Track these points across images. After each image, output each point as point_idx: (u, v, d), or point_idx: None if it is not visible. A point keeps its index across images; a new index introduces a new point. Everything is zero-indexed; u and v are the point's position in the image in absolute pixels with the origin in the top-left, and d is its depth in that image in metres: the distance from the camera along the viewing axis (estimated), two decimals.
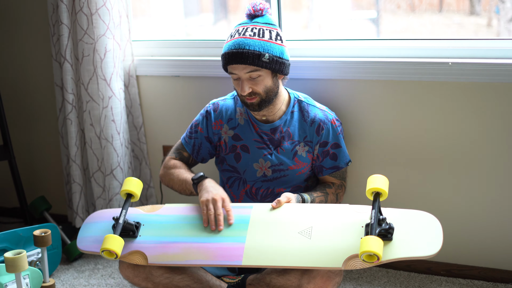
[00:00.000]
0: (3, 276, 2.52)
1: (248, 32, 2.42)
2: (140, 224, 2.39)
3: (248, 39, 2.40)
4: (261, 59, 2.38)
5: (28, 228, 2.77)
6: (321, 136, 2.53)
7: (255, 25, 2.45)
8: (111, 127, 3.06)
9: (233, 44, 2.41)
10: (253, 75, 2.40)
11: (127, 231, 2.35)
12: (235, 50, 2.39)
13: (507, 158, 2.58)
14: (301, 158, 2.53)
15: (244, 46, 2.38)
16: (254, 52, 2.38)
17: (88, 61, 3.03)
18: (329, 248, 2.18)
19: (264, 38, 2.42)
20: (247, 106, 2.48)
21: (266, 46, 2.40)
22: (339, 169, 2.56)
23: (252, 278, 2.38)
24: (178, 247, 2.31)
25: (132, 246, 2.34)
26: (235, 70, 2.41)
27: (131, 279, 2.37)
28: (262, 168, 2.54)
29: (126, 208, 2.34)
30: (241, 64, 2.39)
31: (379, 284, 2.76)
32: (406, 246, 2.13)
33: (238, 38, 2.42)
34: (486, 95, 2.57)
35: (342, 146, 2.56)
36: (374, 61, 2.70)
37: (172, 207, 2.45)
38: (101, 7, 2.95)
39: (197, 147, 2.64)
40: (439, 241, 2.14)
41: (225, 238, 2.30)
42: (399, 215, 2.23)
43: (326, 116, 2.55)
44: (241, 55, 2.38)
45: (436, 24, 3.09)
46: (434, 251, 2.11)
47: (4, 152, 3.21)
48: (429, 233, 2.16)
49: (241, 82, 2.42)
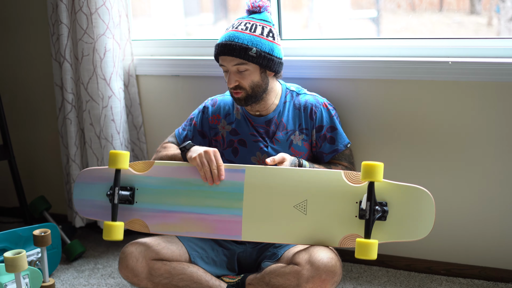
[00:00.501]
0: (3, 276, 2.52)
1: (241, 26, 2.46)
2: (134, 189, 2.43)
3: (239, 33, 2.43)
4: (248, 52, 2.40)
5: (28, 227, 2.77)
6: (315, 120, 2.53)
7: (250, 20, 2.48)
8: (111, 126, 3.06)
9: (225, 36, 2.45)
10: (240, 68, 2.43)
11: (123, 201, 2.41)
12: (224, 42, 2.43)
13: (507, 157, 2.58)
14: (297, 147, 2.54)
15: (233, 39, 2.42)
16: (241, 45, 2.40)
17: (87, 61, 3.02)
18: (325, 227, 2.29)
19: (255, 33, 2.44)
20: (235, 100, 2.50)
21: (255, 40, 2.43)
22: (338, 152, 2.56)
23: (252, 278, 2.39)
24: (177, 217, 2.39)
25: (131, 214, 2.42)
26: (224, 61, 2.45)
27: (130, 279, 2.37)
28: (259, 161, 2.55)
29: (118, 185, 2.38)
30: (228, 56, 2.42)
31: (379, 283, 2.75)
32: (399, 228, 2.22)
33: (231, 31, 2.45)
34: (487, 94, 2.56)
35: (338, 129, 2.56)
36: (374, 61, 2.70)
37: (164, 167, 2.44)
38: (101, 7, 2.95)
39: (188, 139, 2.65)
40: (431, 220, 2.21)
41: (222, 209, 2.37)
42: (394, 190, 2.25)
43: (316, 100, 2.56)
44: (229, 47, 2.41)
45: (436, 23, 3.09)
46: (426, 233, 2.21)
47: (4, 151, 3.21)
48: (422, 211, 2.22)
49: (228, 74, 2.45)
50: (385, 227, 2.23)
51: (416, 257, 2.83)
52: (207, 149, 2.38)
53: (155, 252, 2.38)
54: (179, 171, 2.43)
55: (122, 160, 2.37)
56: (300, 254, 2.28)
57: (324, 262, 2.21)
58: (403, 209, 2.23)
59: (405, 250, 2.84)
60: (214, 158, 2.37)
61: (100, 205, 2.45)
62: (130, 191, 2.42)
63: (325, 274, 2.21)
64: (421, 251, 2.81)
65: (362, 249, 2.15)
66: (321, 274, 2.21)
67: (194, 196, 2.39)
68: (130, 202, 2.43)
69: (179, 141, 2.67)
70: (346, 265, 2.91)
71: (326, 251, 2.26)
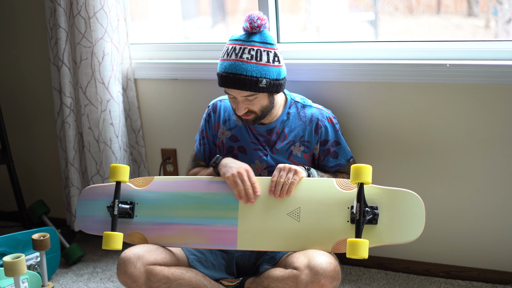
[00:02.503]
0: (2, 280, 2.52)
1: (246, 54, 2.37)
2: (134, 203, 2.45)
3: (245, 63, 2.36)
4: (258, 85, 2.37)
5: (27, 232, 2.77)
6: (320, 135, 2.53)
7: (252, 45, 2.39)
8: (109, 130, 3.06)
9: (229, 66, 2.38)
10: (249, 98, 2.40)
11: (123, 214, 2.44)
12: (231, 75, 2.36)
13: (506, 159, 2.59)
14: (296, 158, 2.54)
15: (241, 72, 2.36)
16: (251, 78, 2.35)
17: (86, 65, 3.03)
18: (318, 233, 2.31)
19: (262, 61, 2.38)
20: (242, 121, 2.49)
21: (263, 70, 2.37)
22: (341, 166, 2.56)
23: (251, 282, 2.39)
24: (175, 229, 2.42)
25: (130, 227, 2.45)
26: (232, 92, 2.41)
27: (129, 284, 2.36)
28: (258, 170, 2.55)
29: (118, 198, 2.40)
30: (237, 90, 2.38)
31: (378, 286, 2.76)
32: (391, 231, 2.25)
33: (235, 61, 2.37)
34: (484, 97, 2.57)
35: (342, 143, 2.56)
36: (372, 63, 2.70)
37: (163, 181, 2.48)
38: (99, 11, 2.95)
39: (207, 152, 2.66)
40: (422, 222, 2.24)
41: (218, 220, 2.39)
42: (385, 194, 2.28)
43: (322, 114, 2.55)
44: (238, 81, 2.36)
45: (434, 26, 3.10)
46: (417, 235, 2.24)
47: (3, 156, 3.21)
48: (413, 214, 2.25)
49: (237, 103, 2.42)
50: (376, 230, 2.26)
51: (415, 259, 2.83)
52: (239, 168, 2.38)
53: (153, 257, 2.38)
54: (177, 185, 2.45)
55: (122, 173, 2.40)
56: (299, 258, 2.27)
57: (323, 266, 2.21)
58: (394, 213, 2.26)
59: (404, 253, 2.84)
60: (247, 178, 2.37)
61: (102, 220, 2.48)
62: (130, 205, 2.45)
63: (324, 278, 2.21)
64: (420, 254, 2.81)
65: (353, 248, 2.17)
66: (320, 278, 2.21)
67: (192, 208, 2.42)
68: (130, 216, 2.45)
69: (202, 158, 2.68)
70: (345, 268, 2.91)
71: (325, 255, 2.26)
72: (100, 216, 2.48)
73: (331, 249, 2.30)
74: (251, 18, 2.40)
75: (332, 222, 2.31)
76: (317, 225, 2.32)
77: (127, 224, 2.45)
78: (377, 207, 2.27)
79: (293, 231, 2.34)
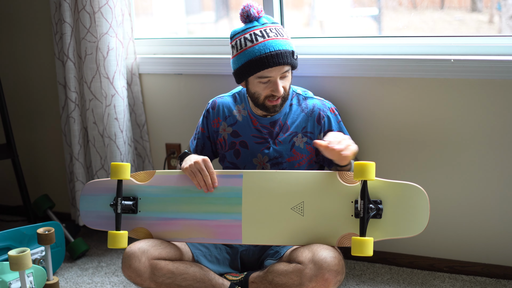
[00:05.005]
0: (7, 274, 2.53)
1: (271, 33, 2.40)
2: (137, 198, 2.46)
3: (276, 40, 2.39)
4: (293, 57, 2.41)
5: (32, 226, 2.78)
6: (323, 125, 2.53)
7: (267, 26, 2.43)
8: (114, 125, 3.07)
9: (263, 47, 2.38)
10: (286, 74, 2.42)
11: (127, 210, 2.45)
12: (272, 53, 2.36)
13: (509, 154, 2.59)
14: (299, 150, 2.54)
15: (278, 48, 2.37)
16: (288, 51, 2.39)
17: (91, 60, 3.03)
18: (322, 227, 2.32)
19: (284, 36, 2.43)
20: (268, 109, 2.46)
21: (290, 44, 2.42)
22: None
23: (255, 276, 2.39)
24: (179, 224, 2.43)
25: (134, 222, 2.46)
26: (272, 72, 2.39)
27: (134, 279, 2.37)
28: (260, 163, 2.55)
29: (121, 196, 2.41)
30: (279, 66, 2.37)
31: (382, 280, 2.76)
32: (395, 225, 2.26)
33: (265, 41, 2.39)
34: (488, 92, 2.57)
35: (345, 133, 2.54)
36: (375, 59, 2.70)
37: (165, 176, 2.48)
38: (104, 6, 2.96)
39: (200, 147, 2.66)
40: (426, 216, 2.26)
41: (222, 215, 2.40)
42: (389, 188, 2.29)
43: (324, 105, 2.55)
44: (280, 56, 2.36)
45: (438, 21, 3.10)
46: (421, 229, 2.25)
47: (8, 150, 3.22)
48: (417, 208, 2.27)
49: (274, 83, 2.40)
50: (380, 224, 2.27)
51: (419, 254, 2.84)
52: (197, 159, 2.40)
53: (157, 252, 2.39)
54: (179, 179, 2.46)
55: (123, 171, 2.41)
56: (303, 252, 2.28)
57: (327, 261, 2.22)
58: (398, 206, 2.27)
59: (408, 248, 2.85)
60: (204, 167, 2.39)
61: (106, 216, 2.49)
62: (133, 200, 2.46)
63: (328, 273, 2.22)
64: (424, 249, 2.82)
65: (358, 247, 2.19)
66: (324, 273, 2.21)
67: (195, 203, 2.43)
68: (134, 211, 2.46)
69: (193, 152, 2.68)
70: (349, 263, 2.91)
71: (329, 249, 2.27)
72: (104, 212, 2.48)
73: (336, 243, 2.31)
74: (248, 6, 2.44)
75: (336, 217, 2.31)
76: (321, 220, 2.33)
77: (131, 220, 2.46)
78: (381, 201, 2.27)
79: (297, 226, 2.34)
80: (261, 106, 2.46)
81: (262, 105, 2.46)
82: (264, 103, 2.45)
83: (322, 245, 2.29)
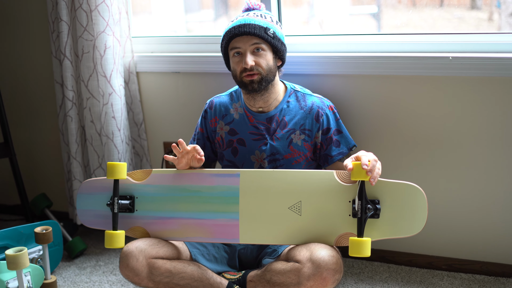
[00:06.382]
0: (5, 273, 2.53)
1: (251, 15, 2.48)
2: (134, 197, 2.45)
3: (253, 18, 2.46)
4: (267, 32, 2.44)
5: (29, 225, 2.77)
6: (321, 123, 2.53)
7: (257, 12, 2.51)
8: (111, 123, 3.06)
9: (238, 22, 2.46)
10: (257, 47, 2.44)
11: (124, 209, 2.45)
12: (242, 24, 2.44)
13: (508, 152, 2.58)
14: (297, 147, 2.53)
15: (250, 21, 2.44)
16: (259, 25, 2.44)
17: (88, 58, 3.02)
18: (320, 227, 2.32)
19: (267, 20, 2.48)
20: (246, 86, 2.48)
21: (270, 24, 2.47)
22: (344, 155, 2.55)
23: (253, 275, 2.39)
24: (176, 223, 2.42)
25: (131, 221, 2.46)
26: (239, 43, 2.45)
27: (131, 278, 2.37)
28: (258, 160, 2.55)
29: (117, 195, 2.40)
30: (247, 36, 2.43)
31: (381, 279, 2.76)
32: (393, 225, 2.25)
33: (243, 18, 2.47)
34: (487, 89, 2.56)
35: (344, 132, 2.56)
36: (375, 56, 2.70)
37: (161, 174, 2.47)
38: (101, 4, 2.95)
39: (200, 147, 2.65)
40: (424, 216, 2.25)
41: (219, 214, 2.39)
42: (386, 187, 2.28)
43: (323, 102, 2.56)
44: (248, 27, 2.42)
45: (437, 19, 3.09)
46: (419, 229, 2.24)
47: (5, 149, 3.21)
48: (415, 207, 2.26)
49: (244, 56, 2.44)
50: (378, 224, 2.26)
51: (417, 252, 2.83)
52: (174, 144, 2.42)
53: (155, 251, 2.38)
54: (176, 178, 2.45)
55: (120, 171, 2.39)
56: (301, 251, 2.27)
57: (325, 260, 2.21)
58: (396, 206, 2.26)
59: (406, 246, 2.84)
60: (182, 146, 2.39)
61: (103, 215, 2.48)
62: (129, 200, 2.45)
63: (326, 271, 2.21)
64: (422, 247, 2.81)
65: (355, 248, 2.19)
66: (322, 271, 2.21)
67: (192, 202, 2.42)
68: (131, 210, 2.45)
69: None
70: (347, 261, 2.91)
71: (327, 248, 2.26)
72: (101, 211, 2.47)
73: (334, 243, 2.31)
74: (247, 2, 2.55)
75: (333, 216, 2.30)
76: (318, 219, 2.32)
77: (128, 219, 2.45)
78: (379, 200, 2.26)
79: (294, 225, 2.34)
80: (240, 83, 2.49)
81: (240, 82, 2.49)
82: (242, 80, 2.47)
83: (320, 244, 2.28)
